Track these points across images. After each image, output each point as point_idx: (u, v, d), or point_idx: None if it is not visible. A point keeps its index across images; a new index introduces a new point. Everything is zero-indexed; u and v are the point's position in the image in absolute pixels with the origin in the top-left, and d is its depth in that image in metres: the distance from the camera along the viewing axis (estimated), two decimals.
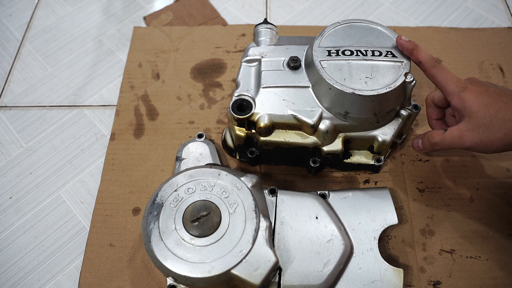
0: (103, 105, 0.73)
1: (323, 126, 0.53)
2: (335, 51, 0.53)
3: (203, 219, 0.46)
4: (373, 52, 0.53)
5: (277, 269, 0.47)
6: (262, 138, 0.56)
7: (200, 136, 0.63)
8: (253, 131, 0.56)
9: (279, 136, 0.56)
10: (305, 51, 0.57)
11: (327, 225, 0.51)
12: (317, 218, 0.51)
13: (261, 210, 0.47)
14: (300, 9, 0.85)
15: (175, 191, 0.48)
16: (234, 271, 0.43)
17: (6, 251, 0.60)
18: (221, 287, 0.45)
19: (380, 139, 0.56)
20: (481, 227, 0.58)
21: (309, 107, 0.54)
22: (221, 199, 0.47)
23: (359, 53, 0.53)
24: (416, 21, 0.82)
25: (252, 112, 0.54)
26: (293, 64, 0.56)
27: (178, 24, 0.82)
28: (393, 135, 0.56)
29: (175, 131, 0.68)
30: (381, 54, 0.53)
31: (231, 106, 0.54)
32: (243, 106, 0.54)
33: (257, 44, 0.61)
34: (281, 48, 0.59)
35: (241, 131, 0.56)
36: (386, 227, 0.53)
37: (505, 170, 0.63)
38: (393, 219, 0.54)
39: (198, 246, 0.44)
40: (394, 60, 0.52)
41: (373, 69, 0.52)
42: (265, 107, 0.54)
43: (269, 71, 0.56)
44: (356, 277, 0.50)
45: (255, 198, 0.47)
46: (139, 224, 0.60)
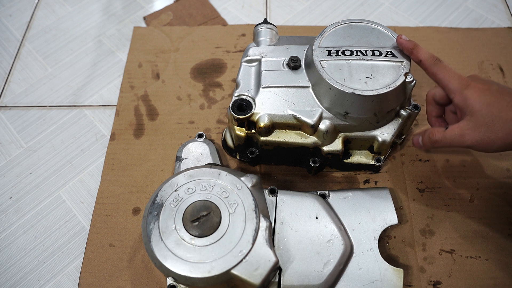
0: (103, 105, 0.73)
1: (323, 126, 0.53)
2: (335, 51, 0.53)
3: (203, 219, 0.46)
4: (373, 52, 0.53)
5: (277, 269, 0.47)
6: (262, 138, 0.56)
7: (200, 136, 0.63)
8: (253, 131, 0.56)
9: (279, 136, 0.56)
10: (305, 51, 0.57)
11: (327, 225, 0.51)
12: (317, 218, 0.51)
13: (261, 210, 0.47)
14: (300, 9, 0.85)
15: (175, 191, 0.48)
16: (234, 271, 0.43)
17: (6, 251, 0.60)
18: (221, 287, 0.45)
19: (380, 139, 0.56)
20: (481, 227, 0.58)
21: (309, 107, 0.54)
22: (221, 199, 0.47)
23: (359, 53, 0.53)
24: (416, 21, 0.82)
25: (252, 112, 0.54)
26: (293, 64, 0.56)
27: (178, 24, 0.82)
28: (393, 135, 0.56)
29: (175, 131, 0.68)
30: (381, 54, 0.53)
31: (231, 106, 0.54)
32: (243, 106, 0.54)
33: (257, 44, 0.61)
34: (281, 48, 0.59)
35: (241, 131, 0.56)
36: (386, 227, 0.53)
37: (505, 170, 0.63)
38: (393, 219, 0.54)
39: (198, 246, 0.44)
40: (394, 60, 0.52)
41: (373, 69, 0.52)
42: (265, 107, 0.54)
43: (269, 71, 0.56)
44: (356, 277, 0.50)
45: (255, 198, 0.47)
46: (139, 224, 0.60)
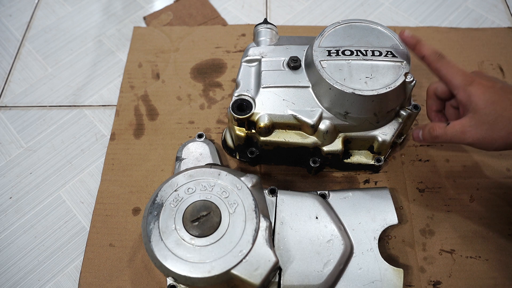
0: (103, 105, 0.73)
1: (323, 126, 0.53)
2: (335, 51, 0.53)
3: (203, 219, 0.46)
4: (373, 52, 0.53)
5: (277, 269, 0.47)
6: (262, 138, 0.56)
7: (200, 136, 0.63)
8: (253, 131, 0.56)
9: (279, 136, 0.56)
10: (305, 51, 0.57)
11: (327, 225, 0.51)
12: (317, 218, 0.51)
13: (261, 210, 0.47)
14: (300, 9, 0.85)
15: (175, 191, 0.48)
16: (234, 271, 0.43)
17: (6, 251, 0.60)
18: (221, 287, 0.45)
19: (380, 139, 0.55)
20: (481, 227, 0.58)
21: (309, 107, 0.54)
22: (221, 199, 0.47)
23: (359, 53, 0.53)
24: (416, 21, 0.82)
25: (252, 112, 0.54)
26: (293, 64, 0.56)
27: (178, 24, 0.82)
28: (393, 135, 0.56)
29: (175, 131, 0.68)
30: (381, 54, 0.53)
31: (231, 106, 0.54)
32: (243, 106, 0.54)
33: (257, 44, 0.61)
34: (281, 48, 0.59)
35: (241, 131, 0.56)
36: (386, 227, 0.53)
37: (505, 170, 0.63)
38: (393, 219, 0.54)
39: (198, 246, 0.44)
40: (394, 60, 0.52)
41: (373, 69, 0.52)
42: (265, 107, 0.54)
43: (269, 71, 0.56)
44: (356, 277, 0.50)
45: (255, 198, 0.47)
46: (139, 224, 0.60)
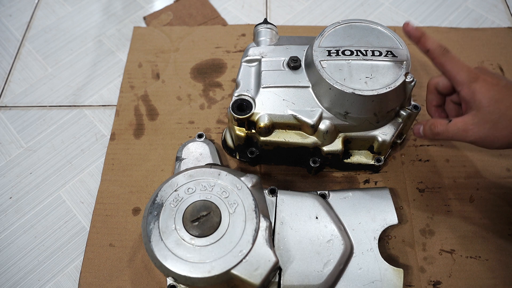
0: (103, 105, 0.73)
1: (323, 126, 0.53)
2: (335, 51, 0.53)
3: (203, 219, 0.46)
4: (373, 52, 0.53)
5: (277, 269, 0.47)
6: (262, 138, 0.56)
7: (200, 136, 0.63)
8: (253, 131, 0.56)
9: (279, 136, 0.56)
10: (305, 51, 0.57)
11: (327, 225, 0.51)
12: (317, 218, 0.51)
13: (261, 210, 0.47)
14: (300, 9, 0.85)
15: (175, 191, 0.48)
16: (234, 271, 0.43)
17: (6, 251, 0.60)
18: (221, 287, 0.45)
19: (380, 139, 0.55)
20: (481, 227, 0.58)
21: (309, 107, 0.54)
22: (221, 199, 0.47)
23: (359, 53, 0.53)
24: (416, 21, 0.82)
25: (252, 112, 0.54)
26: (293, 64, 0.56)
27: (178, 24, 0.82)
28: (393, 135, 0.56)
29: (175, 131, 0.68)
30: (381, 54, 0.53)
31: (231, 106, 0.54)
32: (243, 106, 0.54)
33: (257, 44, 0.61)
34: (281, 48, 0.59)
35: (241, 131, 0.56)
36: (386, 227, 0.53)
37: (505, 170, 0.63)
38: (393, 219, 0.54)
39: (198, 246, 0.44)
40: (394, 60, 0.52)
41: (373, 69, 0.52)
42: (265, 107, 0.54)
43: (269, 71, 0.56)
44: (356, 277, 0.50)
45: (255, 198, 0.47)
46: (139, 224, 0.60)
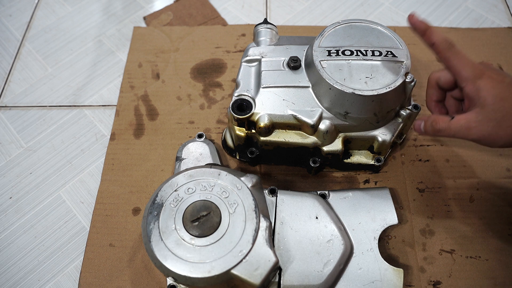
0: (103, 105, 0.73)
1: (323, 126, 0.53)
2: (335, 51, 0.53)
3: (203, 219, 0.46)
4: (373, 52, 0.53)
5: (277, 269, 0.47)
6: (262, 138, 0.56)
7: (200, 136, 0.63)
8: (253, 131, 0.56)
9: (279, 136, 0.56)
10: (305, 51, 0.57)
11: (327, 225, 0.51)
12: (317, 218, 0.51)
13: (261, 210, 0.47)
14: (300, 9, 0.85)
15: (175, 191, 0.48)
16: (234, 271, 0.43)
17: (6, 251, 0.60)
18: (221, 287, 0.45)
19: (380, 139, 0.55)
20: (481, 227, 0.58)
21: (309, 107, 0.54)
22: (221, 199, 0.47)
23: (359, 53, 0.53)
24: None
25: (252, 112, 0.54)
26: (293, 64, 0.55)
27: (178, 24, 0.82)
28: (393, 135, 0.56)
29: (175, 131, 0.68)
30: (381, 54, 0.53)
31: (231, 106, 0.54)
32: (243, 106, 0.54)
33: (257, 44, 0.61)
34: (281, 48, 0.59)
35: (241, 131, 0.56)
36: (386, 227, 0.53)
37: (505, 170, 0.63)
38: (393, 219, 0.54)
39: (198, 246, 0.44)
40: (394, 60, 0.52)
41: (373, 69, 0.52)
42: (265, 107, 0.54)
43: (269, 71, 0.56)
44: (356, 277, 0.50)
45: (255, 198, 0.47)
46: (139, 224, 0.60)
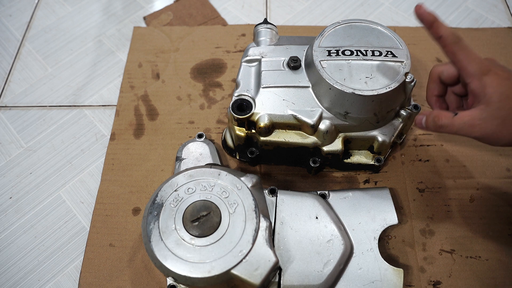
0: (103, 105, 0.73)
1: (323, 126, 0.53)
2: (335, 51, 0.53)
3: (203, 219, 0.46)
4: (373, 52, 0.53)
5: (277, 269, 0.47)
6: (262, 138, 0.56)
7: (200, 136, 0.63)
8: (253, 131, 0.56)
9: (279, 136, 0.56)
10: (305, 51, 0.57)
11: (327, 225, 0.51)
12: (317, 218, 0.51)
13: (261, 210, 0.47)
14: (300, 9, 0.85)
15: (175, 191, 0.48)
16: (234, 271, 0.43)
17: (6, 251, 0.60)
18: (221, 287, 0.45)
19: (380, 139, 0.55)
20: (481, 227, 0.58)
21: (309, 107, 0.54)
22: (221, 199, 0.47)
23: (359, 53, 0.53)
24: (416, 21, 0.81)
25: (252, 112, 0.54)
26: (293, 64, 0.55)
27: (178, 24, 0.82)
28: (393, 135, 0.56)
29: (175, 131, 0.68)
30: (381, 54, 0.53)
31: (231, 106, 0.54)
32: (243, 106, 0.54)
33: (257, 44, 0.61)
34: (281, 48, 0.59)
35: (241, 131, 0.56)
36: (386, 227, 0.53)
37: (505, 170, 0.63)
38: (393, 219, 0.54)
39: (198, 246, 0.44)
40: (394, 60, 0.52)
41: (373, 69, 0.52)
42: (265, 107, 0.54)
43: (269, 71, 0.56)
44: (356, 277, 0.50)
45: (255, 198, 0.47)
46: (139, 224, 0.60)
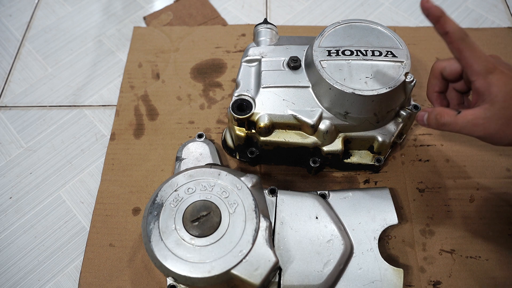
0: (103, 105, 0.73)
1: (323, 126, 0.53)
2: (335, 51, 0.53)
3: (203, 219, 0.46)
4: (373, 52, 0.53)
5: (277, 269, 0.47)
6: (262, 138, 0.56)
7: (200, 136, 0.63)
8: (253, 131, 0.56)
9: (279, 136, 0.56)
10: (305, 51, 0.57)
11: (327, 225, 0.51)
12: (317, 218, 0.51)
13: (261, 210, 0.47)
14: (300, 9, 0.85)
15: (175, 191, 0.48)
16: (234, 271, 0.43)
17: (6, 251, 0.60)
18: (221, 287, 0.45)
19: (380, 139, 0.55)
20: (481, 227, 0.58)
21: (309, 107, 0.54)
22: (221, 199, 0.47)
23: (359, 53, 0.53)
24: (416, 21, 0.82)
25: (252, 112, 0.54)
26: (293, 64, 0.55)
27: (178, 24, 0.82)
28: (393, 135, 0.56)
29: (175, 131, 0.68)
30: (381, 54, 0.53)
31: (231, 106, 0.54)
32: (243, 106, 0.54)
33: (257, 44, 0.61)
34: (281, 48, 0.59)
35: (241, 131, 0.56)
36: (386, 227, 0.53)
37: (505, 170, 0.63)
38: (393, 219, 0.54)
39: (198, 246, 0.44)
40: (394, 60, 0.52)
41: (373, 69, 0.52)
42: (265, 107, 0.54)
43: (269, 71, 0.56)
44: (356, 277, 0.50)
45: (255, 198, 0.47)
46: (139, 224, 0.60)
